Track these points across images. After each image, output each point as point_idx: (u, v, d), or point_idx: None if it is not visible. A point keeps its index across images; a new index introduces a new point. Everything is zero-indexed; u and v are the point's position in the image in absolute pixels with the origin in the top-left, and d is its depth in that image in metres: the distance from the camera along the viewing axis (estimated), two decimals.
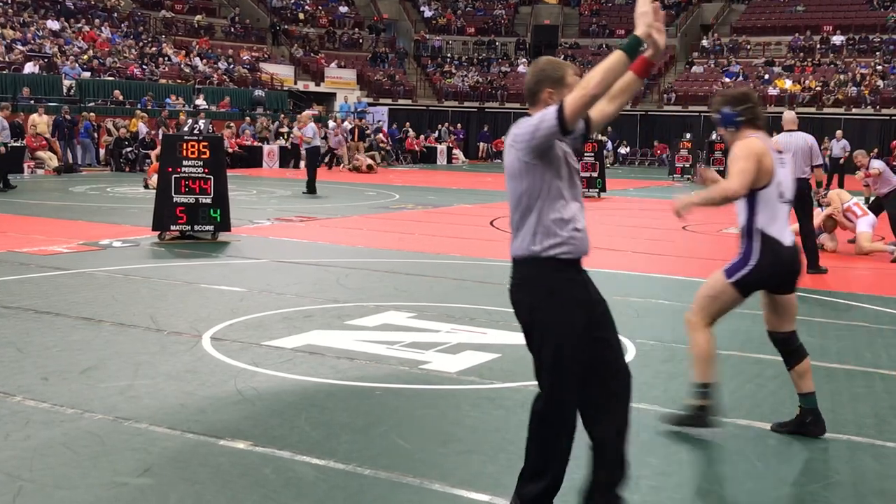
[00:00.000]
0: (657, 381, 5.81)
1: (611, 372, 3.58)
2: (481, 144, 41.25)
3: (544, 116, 3.38)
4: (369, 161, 29.60)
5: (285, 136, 30.88)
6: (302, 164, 27.03)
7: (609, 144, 37.34)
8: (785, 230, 4.68)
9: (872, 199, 13.50)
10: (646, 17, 3.33)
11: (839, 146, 26.36)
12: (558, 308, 3.47)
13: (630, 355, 6.44)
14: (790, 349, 4.80)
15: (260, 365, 5.93)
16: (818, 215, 11.74)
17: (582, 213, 3.56)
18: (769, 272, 4.64)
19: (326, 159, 29.58)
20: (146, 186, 19.65)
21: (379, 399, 5.31)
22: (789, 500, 4.00)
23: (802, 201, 10.67)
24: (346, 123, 32.47)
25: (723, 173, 4.91)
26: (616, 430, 3.58)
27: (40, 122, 23.60)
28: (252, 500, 3.84)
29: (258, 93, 35.96)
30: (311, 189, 19.97)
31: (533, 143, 3.42)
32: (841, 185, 25.36)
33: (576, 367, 3.48)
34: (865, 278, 10.50)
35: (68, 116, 25.46)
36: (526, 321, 3.55)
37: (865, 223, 12.19)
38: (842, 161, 25.95)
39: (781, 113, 11.39)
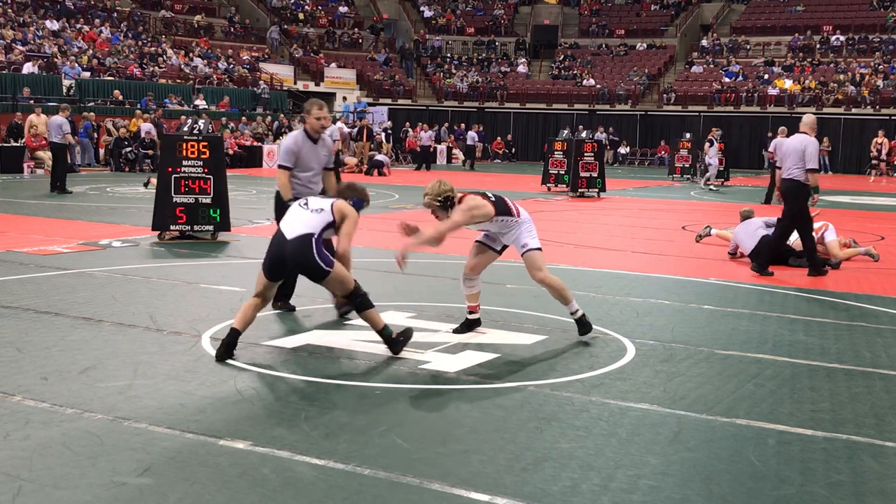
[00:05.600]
0: (657, 381, 5.80)
1: None
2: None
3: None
4: (356, 160, 30.01)
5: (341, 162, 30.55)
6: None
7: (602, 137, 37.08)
8: (288, 228, 6.10)
9: None
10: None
11: None
12: None
13: (629, 355, 6.45)
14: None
15: (260, 365, 5.93)
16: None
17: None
18: (267, 259, 6.13)
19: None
20: (146, 186, 19.66)
21: (379, 399, 5.31)
22: (789, 500, 4.00)
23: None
24: (340, 124, 32.17)
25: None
26: None
27: (39, 122, 23.60)
28: (251, 499, 3.83)
29: (264, 92, 35.90)
30: None
31: None
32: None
33: None
34: (865, 278, 10.50)
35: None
36: None
37: (830, 234, 12.02)
38: None
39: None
